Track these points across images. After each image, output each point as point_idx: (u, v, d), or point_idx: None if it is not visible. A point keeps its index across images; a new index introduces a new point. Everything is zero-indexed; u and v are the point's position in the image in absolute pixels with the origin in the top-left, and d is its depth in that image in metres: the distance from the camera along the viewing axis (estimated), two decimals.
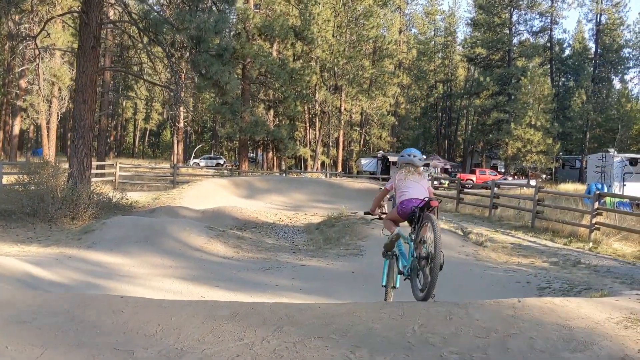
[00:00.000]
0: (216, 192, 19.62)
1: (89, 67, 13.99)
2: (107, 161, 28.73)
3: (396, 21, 49.77)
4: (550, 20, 51.22)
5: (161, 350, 3.28)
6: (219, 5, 14.18)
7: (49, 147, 26.19)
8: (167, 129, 67.78)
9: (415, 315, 3.84)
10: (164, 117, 59.20)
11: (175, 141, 46.32)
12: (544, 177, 40.75)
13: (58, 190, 13.48)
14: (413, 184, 4.39)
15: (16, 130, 32.42)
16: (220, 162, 49.98)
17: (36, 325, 3.59)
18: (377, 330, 3.58)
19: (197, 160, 49.81)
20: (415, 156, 4.53)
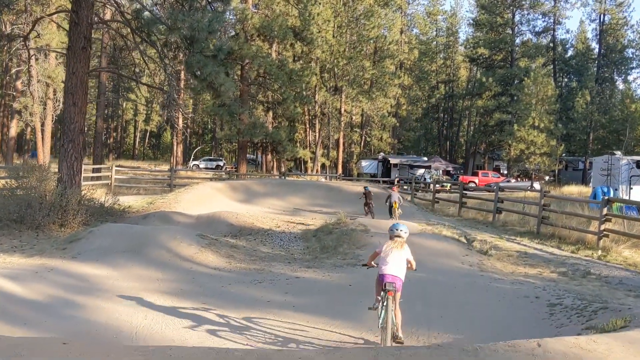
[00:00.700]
0: (213, 196, 19.14)
1: (80, 68, 13.54)
2: (104, 164, 28.34)
3: (397, 21, 49.25)
4: (553, 21, 50.68)
5: None
6: (213, 5, 13.72)
7: (43, 150, 25.72)
8: (167, 131, 67.35)
9: None
10: (163, 118, 58.82)
11: (174, 143, 45.93)
12: (547, 178, 40.22)
13: (47, 196, 13.05)
14: (393, 258, 5.17)
15: (13, 132, 32.03)
16: (220, 164, 49.52)
17: None
18: None
19: (196, 162, 49.36)
20: (402, 230, 5.39)
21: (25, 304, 6.14)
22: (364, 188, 18.05)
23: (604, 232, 12.50)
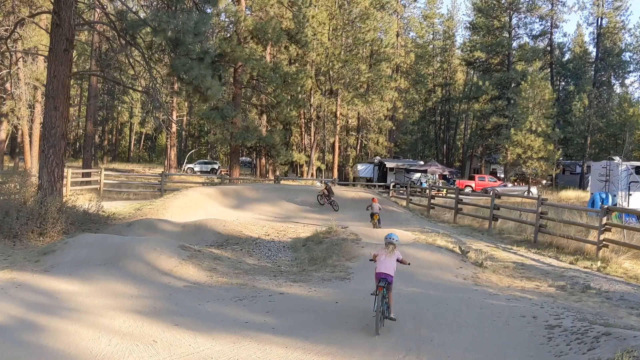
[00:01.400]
0: (202, 202, 18.66)
1: (61, 71, 13.06)
2: (97, 167, 27.81)
3: (393, 24, 48.89)
4: (550, 24, 50.41)
5: None
6: (200, 6, 13.26)
7: (30, 154, 25.16)
8: (162, 133, 66.81)
9: None
10: (158, 121, 58.29)
11: (168, 146, 45.39)
12: (544, 182, 39.82)
13: (26, 203, 12.56)
14: (386, 260, 6.58)
15: (2, 135, 31.44)
16: (215, 167, 49.01)
17: None
18: None
19: (191, 165, 48.85)
20: (394, 239, 6.77)
21: None
22: (325, 183, 20.77)
23: (604, 242, 12.08)
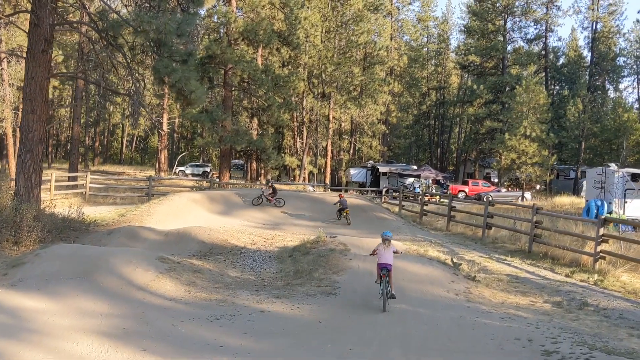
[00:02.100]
0: (188, 208, 18.13)
1: (39, 72, 12.58)
2: (86, 169, 27.21)
3: (387, 27, 48.53)
4: (545, 28, 50.19)
5: None
6: (184, 6, 12.79)
7: (15, 157, 24.51)
8: (154, 135, 66.10)
9: None
10: (152, 122, 57.56)
11: (159, 148, 44.80)
12: (538, 187, 39.53)
13: (2, 211, 12.04)
14: (385, 252, 8.03)
15: None
16: (207, 170, 48.43)
17: None
18: None
19: (182, 168, 48.27)
20: (389, 236, 8.23)
21: None
22: (268, 181, 22.31)
23: (601, 254, 11.68)
